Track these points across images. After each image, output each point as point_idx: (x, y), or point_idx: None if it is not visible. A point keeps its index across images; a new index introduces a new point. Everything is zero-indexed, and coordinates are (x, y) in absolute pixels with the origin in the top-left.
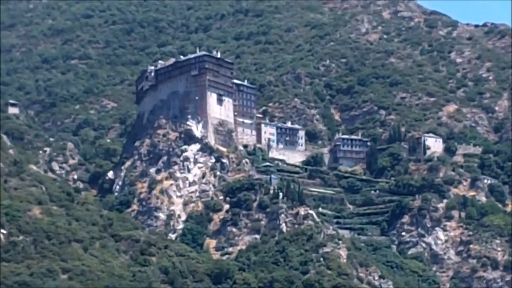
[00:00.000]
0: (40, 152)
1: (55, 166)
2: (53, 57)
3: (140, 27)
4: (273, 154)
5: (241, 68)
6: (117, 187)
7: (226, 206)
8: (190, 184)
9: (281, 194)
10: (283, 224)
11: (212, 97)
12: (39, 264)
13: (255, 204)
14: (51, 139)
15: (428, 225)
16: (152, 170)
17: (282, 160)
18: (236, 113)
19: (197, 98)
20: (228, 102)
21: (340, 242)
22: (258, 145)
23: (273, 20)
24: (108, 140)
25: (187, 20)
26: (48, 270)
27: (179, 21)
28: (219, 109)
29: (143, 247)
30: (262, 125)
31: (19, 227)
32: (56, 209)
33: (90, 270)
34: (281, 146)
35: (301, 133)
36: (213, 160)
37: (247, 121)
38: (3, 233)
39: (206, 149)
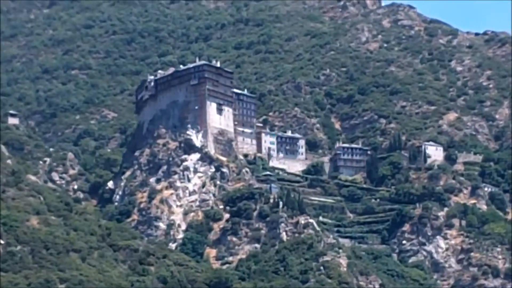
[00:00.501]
0: (40, 162)
1: (55, 176)
2: (53, 68)
3: (141, 37)
4: (273, 163)
5: (242, 77)
6: (117, 197)
7: (226, 216)
8: (190, 194)
9: (281, 203)
10: (283, 233)
11: (211, 107)
12: (37, 274)
13: (255, 213)
14: (51, 149)
15: (429, 234)
16: (152, 180)
17: (282, 169)
18: (236, 123)
19: (196, 107)
20: (228, 111)
21: (341, 250)
22: (259, 154)
23: (274, 30)
24: (109, 150)
25: (188, 29)
26: (46, 280)
27: (179, 31)
28: (219, 119)
29: (141, 256)
30: (262, 134)
31: (16, 237)
32: (54, 219)
33: (88, 280)
34: (281, 155)
35: (301, 142)
36: (213, 169)
37: (247, 130)
38: (0, 243)
39: (206, 158)
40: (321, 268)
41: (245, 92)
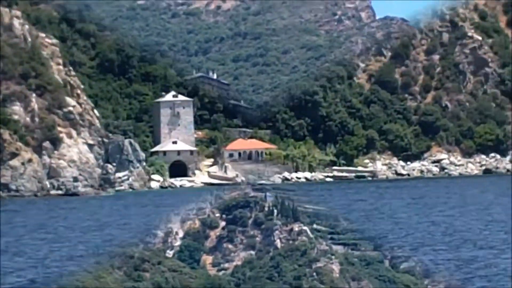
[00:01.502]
0: None
1: None
2: None
3: None
4: None
5: (239, 89)
6: None
7: (222, 223)
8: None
9: (275, 211)
10: (278, 240)
11: None
12: None
13: (250, 221)
14: None
15: None
16: None
17: None
18: None
19: None
20: None
21: (333, 257)
22: None
23: (271, 43)
24: None
25: (188, 43)
26: None
27: (179, 44)
28: None
29: (137, 263)
30: None
31: None
32: None
33: (84, 285)
34: None
35: None
36: None
37: None
38: None
39: None
40: (314, 274)
41: (242, 103)
